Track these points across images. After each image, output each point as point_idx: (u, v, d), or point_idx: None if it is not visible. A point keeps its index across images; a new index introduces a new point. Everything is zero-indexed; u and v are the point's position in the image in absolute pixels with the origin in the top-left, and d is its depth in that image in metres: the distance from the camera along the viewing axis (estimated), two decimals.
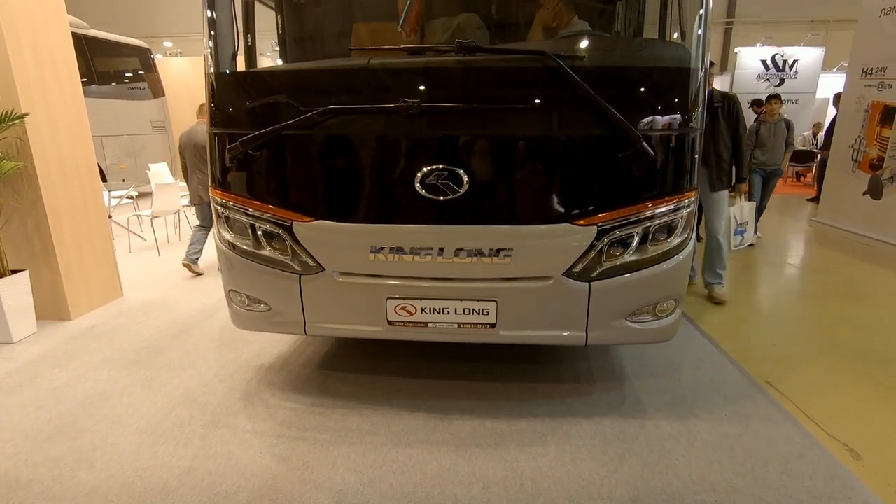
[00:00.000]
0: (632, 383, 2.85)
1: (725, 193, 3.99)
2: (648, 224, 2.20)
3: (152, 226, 6.17)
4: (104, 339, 3.49)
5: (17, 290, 3.48)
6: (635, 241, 2.21)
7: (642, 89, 2.16)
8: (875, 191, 6.03)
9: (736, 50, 10.90)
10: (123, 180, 9.04)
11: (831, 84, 10.84)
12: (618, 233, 2.19)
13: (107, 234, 4.20)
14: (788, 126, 5.77)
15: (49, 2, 3.62)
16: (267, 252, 2.38)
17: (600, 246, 2.20)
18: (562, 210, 2.16)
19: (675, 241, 2.27)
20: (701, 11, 2.17)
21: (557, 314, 2.32)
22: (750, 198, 5.02)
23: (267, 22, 3.03)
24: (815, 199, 9.05)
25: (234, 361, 3.14)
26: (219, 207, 2.44)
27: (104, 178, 8.56)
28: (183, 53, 13.18)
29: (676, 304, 2.39)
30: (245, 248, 2.42)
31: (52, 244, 3.65)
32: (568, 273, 2.23)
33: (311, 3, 3.12)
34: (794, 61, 10.39)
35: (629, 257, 2.24)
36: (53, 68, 3.66)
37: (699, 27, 2.17)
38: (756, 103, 8.89)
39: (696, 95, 2.14)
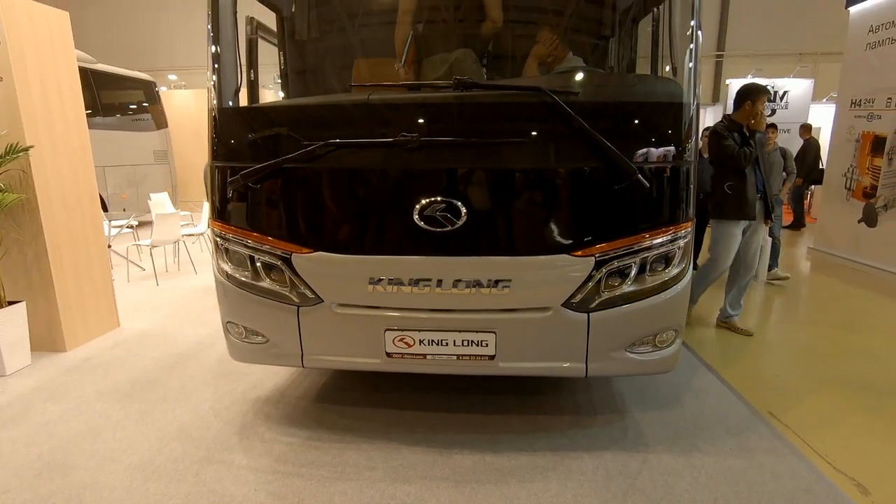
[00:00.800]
0: (633, 415, 2.80)
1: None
2: (646, 255, 2.21)
3: (151, 255, 6.18)
4: (99, 372, 3.45)
5: (13, 322, 3.46)
6: (633, 272, 2.22)
7: (636, 123, 2.21)
8: (869, 219, 6.09)
9: (727, 81, 11.17)
10: (124, 210, 9.09)
11: (822, 114, 11.07)
12: (615, 263, 2.20)
13: (106, 264, 4.20)
14: (785, 154, 5.66)
15: (58, 38, 3.72)
16: (265, 284, 2.38)
17: (598, 276, 2.20)
18: (559, 241, 2.17)
19: (673, 271, 2.28)
20: (691, 46, 2.24)
21: (557, 345, 2.31)
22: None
23: (270, 55, 3.12)
24: (792, 226, 9.09)
25: (230, 394, 3.09)
26: (218, 239, 2.45)
27: (105, 208, 8.61)
28: (187, 86, 13.47)
29: (676, 334, 2.38)
30: (243, 279, 2.42)
31: (51, 275, 3.64)
32: (567, 304, 2.23)
33: (313, 39, 3.21)
34: (785, 92, 10.64)
35: (627, 288, 2.24)
36: (59, 102, 3.73)
37: (690, 62, 2.23)
38: None
39: (689, 129, 2.19)
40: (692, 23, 2.25)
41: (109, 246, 5.50)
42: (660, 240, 2.20)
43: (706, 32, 13.17)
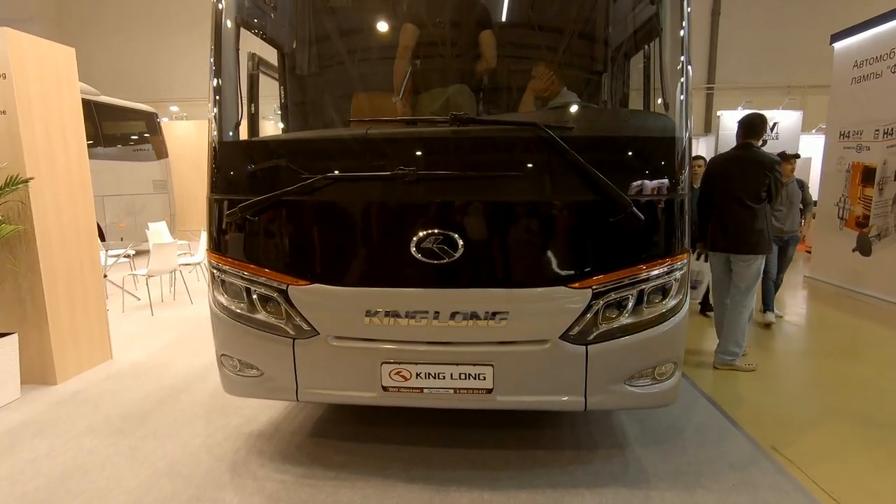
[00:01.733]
0: (634, 450, 2.75)
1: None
2: (642, 286, 2.21)
3: (147, 285, 6.15)
4: (89, 406, 3.38)
5: (4, 355, 3.41)
6: (630, 304, 2.22)
7: (630, 157, 2.25)
8: (864, 248, 6.13)
9: (718, 113, 11.41)
10: (122, 239, 9.09)
11: (812, 144, 11.28)
12: (612, 295, 2.20)
13: (101, 295, 4.17)
14: (802, 186, 5.20)
15: (63, 73, 3.80)
16: (261, 316, 2.37)
17: (596, 308, 2.20)
18: (556, 273, 2.18)
19: (671, 303, 2.28)
20: (682, 80, 2.30)
21: (555, 379, 2.28)
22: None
23: (270, 86, 3.17)
24: None
25: (222, 429, 3.02)
26: (214, 271, 2.45)
27: (102, 238, 8.61)
28: (188, 117, 13.67)
29: (675, 367, 2.36)
30: (239, 311, 2.41)
31: (45, 307, 3.61)
32: (564, 336, 2.22)
33: (313, 74, 3.28)
34: (775, 123, 10.86)
35: (625, 320, 2.24)
36: (62, 134, 3.78)
37: (681, 97, 2.28)
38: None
39: (682, 162, 2.23)
40: (682, 58, 2.31)
41: (105, 276, 5.47)
42: (656, 272, 2.21)
43: (696, 66, 13.55)
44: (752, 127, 3.79)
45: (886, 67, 5.86)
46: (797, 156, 5.03)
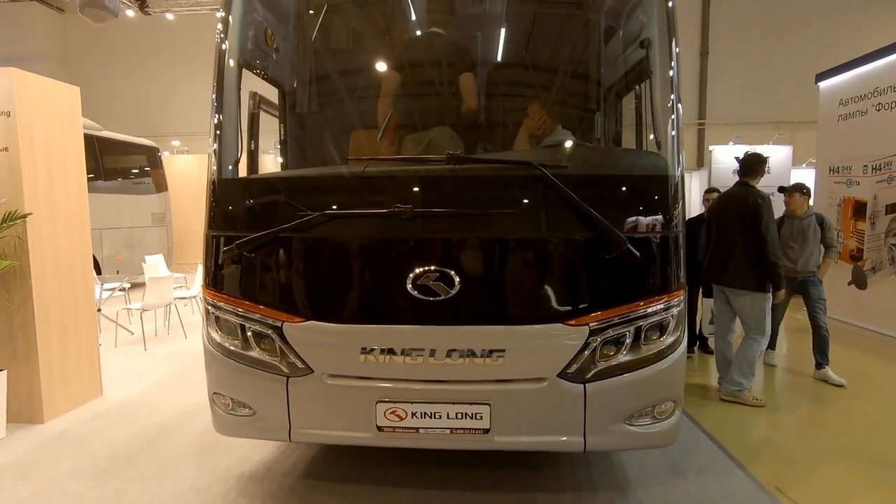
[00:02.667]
0: (636, 492, 2.67)
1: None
2: (640, 323, 2.21)
3: (141, 319, 6.08)
4: (75, 446, 3.28)
5: None
6: (628, 341, 2.21)
7: (624, 195, 2.28)
8: (859, 282, 6.15)
9: (710, 148, 11.63)
10: (118, 272, 9.05)
11: (803, 178, 11.46)
12: (610, 332, 2.18)
13: (93, 331, 4.12)
14: (822, 223, 4.50)
15: (67, 111, 3.87)
16: (255, 353, 2.34)
17: (593, 346, 2.18)
18: (553, 310, 2.17)
19: (668, 339, 2.27)
20: (672, 118, 2.35)
21: (553, 418, 2.24)
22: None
23: (270, 121, 3.23)
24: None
25: (212, 471, 2.93)
26: (209, 307, 2.43)
27: (98, 271, 8.57)
28: (189, 151, 13.88)
29: (675, 405, 2.33)
30: (233, 349, 2.38)
31: (36, 344, 3.56)
32: (562, 374, 2.19)
33: (312, 112, 3.35)
34: (766, 157, 11.08)
35: (623, 357, 2.22)
36: (63, 172, 3.82)
37: (672, 136, 2.33)
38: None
39: (675, 199, 2.25)
40: (672, 97, 2.38)
41: (99, 310, 5.42)
42: (653, 308, 2.21)
43: (687, 102, 13.92)
44: (748, 166, 3.99)
45: (871, 105, 6.03)
46: (798, 187, 4.53)
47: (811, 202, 4.90)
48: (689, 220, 4.54)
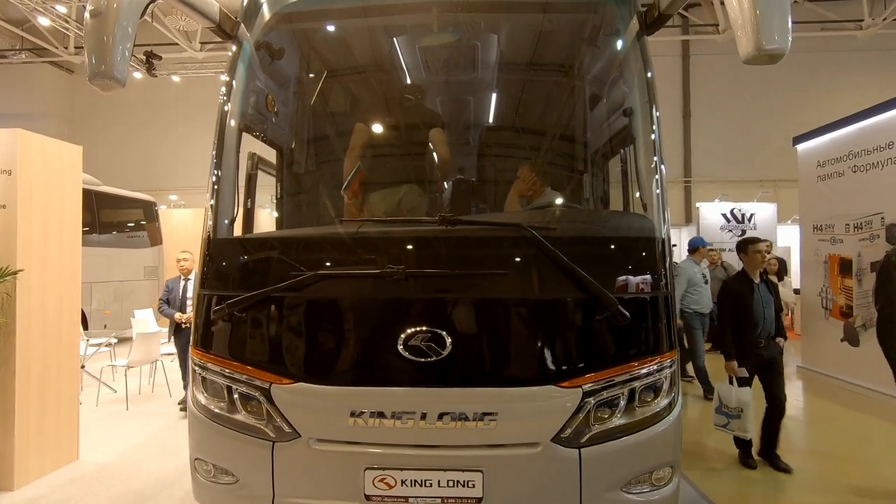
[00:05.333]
0: None
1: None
2: (633, 385, 2.18)
3: (126, 376, 5.91)
4: None
5: None
6: (622, 403, 2.18)
7: (612, 256, 2.33)
8: (852, 338, 6.15)
9: (697, 205, 11.95)
10: (105, 326, 8.90)
11: (789, 234, 11.72)
12: (603, 394, 2.16)
13: (75, 390, 4.00)
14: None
15: (68, 170, 3.95)
16: (241, 416, 2.27)
17: (587, 408, 2.15)
18: (545, 372, 2.15)
19: (663, 401, 2.24)
20: (657, 178, 2.43)
21: (548, 486, 2.16)
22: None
23: (265, 178, 3.30)
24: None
25: None
26: (196, 368, 2.38)
27: (85, 326, 8.42)
28: (186, 205, 14.04)
29: (673, 471, 2.27)
30: (218, 411, 2.31)
31: (14, 405, 3.44)
32: (556, 439, 2.14)
33: (310, 172, 3.45)
34: (752, 215, 11.36)
35: (618, 420, 2.18)
36: (58, 230, 3.84)
37: (658, 197, 2.41)
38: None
39: (662, 259, 2.30)
40: (655, 159, 2.47)
41: (83, 366, 5.29)
42: (646, 369, 2.20)
43: (673, 161, 14.42)
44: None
45: (847, 167, 6.28)
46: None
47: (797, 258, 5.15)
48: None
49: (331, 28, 3.13)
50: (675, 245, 5.33)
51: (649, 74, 2.59)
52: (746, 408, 3.69)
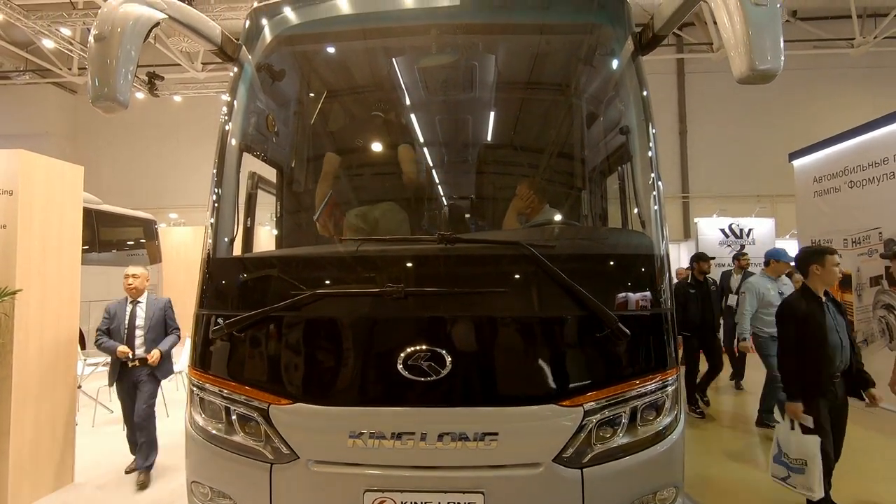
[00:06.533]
0: None
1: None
2: (635, 403, 2.17)
3: None
4: None
5: None
6: (624, 422, 2.16)
7: (610, 274, 2.33)
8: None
9: (695, 220, 11.99)
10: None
11: (787, 249, 11.72)
12: (605, 413, 2.14)
13: (71, 411, 3.96)
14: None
15: (69, 190, 3.98)
16: (239, 438, 2.25)
17: (588, 427, 2.13)
18: (546, 390, 2.13)
19: (665, 420, 2.22)
20: (654, 194, 2.44)
21: None
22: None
23: (265, 196, 3.31)
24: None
25: None
26: (194, 388, 2.37)
27: (83, 345, 8.34)
28: (186, 223, 14.08)
29: (677, 492, 2.24)
30: (215, 432, 2.29)
31: (9, 427, 3.40)
32: (558, 459, 2.11)
33: (309, 191, 3.47)
34: (750, 230, 11.40)
35: (620, 440, 2.15)
36: (58, 250, 3.85)
37: (655, 213, 2.42)
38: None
39: (661, 276, 2.30)
40: (652, 175, 2.49)
41: (79, 387, 5.24)
42: (647, 387, 2.18)
43: (670, 177, 14.50)
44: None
45: (843, 183, 6.33)
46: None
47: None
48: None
49: (330, 50, 3.18)
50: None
51: (645, 93, 2.62)
52: (812, 461, 2.98)
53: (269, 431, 2.20)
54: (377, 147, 3.27)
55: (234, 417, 2.25)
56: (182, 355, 6.77)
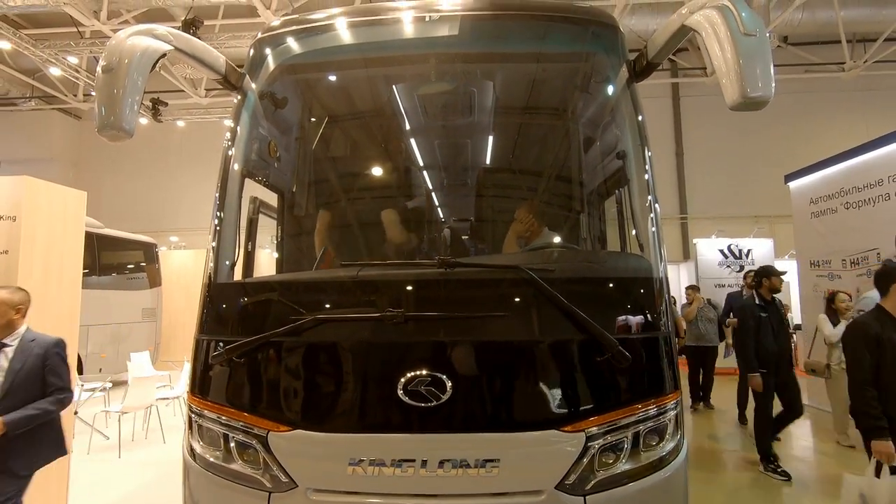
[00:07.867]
0: None
1: None
2: (637, 428, 2.15)
3: (119, 421, 5.78)
4: None
5: None
6: (626, 447, 2.13)
7: (611, 297, 2.33)
8: None
9: (694, 241, 12.03)
10: (100, 370, 8.76)
11: (786, 269, 11.72)
12: (607, 438, 2.12)
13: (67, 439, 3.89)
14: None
15: (71, 215, 4.00)
16: (237, 466, 2.22)
17: (591, 453, 2.10)
18: (547, 416, 2.12)
19: (668, 445, 2.20)
20: (651, 216, 2.46)
21: None
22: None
23: (267, 220, 3.33)
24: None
25: None
26: (192, 415, 2.35)
27: (80, 370, 8.28)
28: (187, 246, 14.12)
29: None
30: (213, 460, 2.26)
31: None
32: (560, 486, 2.08)
33: (310, 216, 3.49)
34: (749, 250, 11.42)
35: (623, 465, 2.13)
36: (58, 274, 3.86)
37: (653, 236, 2.44)
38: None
39: (660, 299, 2.30)
40: (649, 198, 2.52)
41: (76, 413, 5.18)
42: (650, 412, 2.16)
43: (668, 199, 14.61)
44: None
45: (840, 204, 6.38)
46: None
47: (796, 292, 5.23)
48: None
49: (332, 78, 3.25)
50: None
51: (640, 118, 2.68)
52: None
53: (268, 459, 2.17)
54: (378, 172, 3.31)
55: (232, 445, 2.23)
56: (181, 378, 6.72)
